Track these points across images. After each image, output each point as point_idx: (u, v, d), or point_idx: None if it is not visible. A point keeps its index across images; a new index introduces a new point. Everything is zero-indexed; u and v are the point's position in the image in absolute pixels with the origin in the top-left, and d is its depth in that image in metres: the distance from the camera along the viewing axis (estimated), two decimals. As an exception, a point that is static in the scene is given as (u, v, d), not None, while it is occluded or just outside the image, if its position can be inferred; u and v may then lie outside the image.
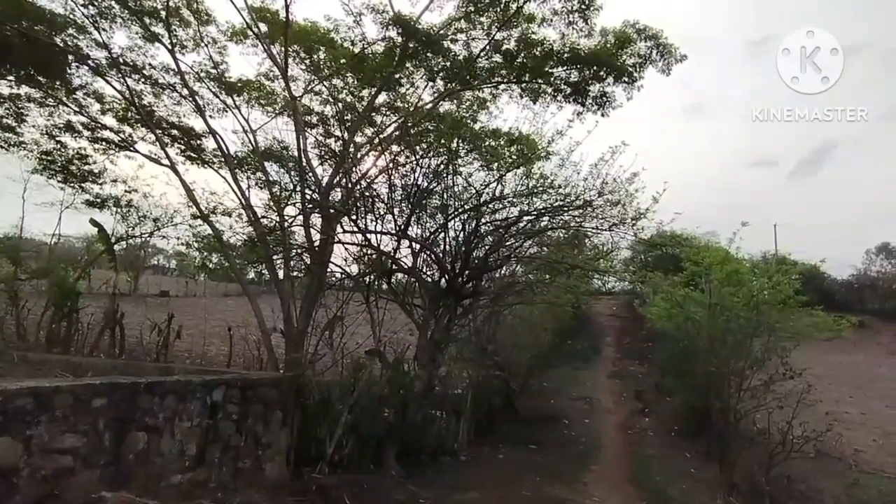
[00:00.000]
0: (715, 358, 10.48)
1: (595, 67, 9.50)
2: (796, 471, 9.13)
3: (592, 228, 9.72)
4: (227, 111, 11.18)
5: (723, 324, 10.66)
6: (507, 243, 9.97)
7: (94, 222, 12.02)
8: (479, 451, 10.23)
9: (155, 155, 10.83)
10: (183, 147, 11.77)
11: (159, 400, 4.84)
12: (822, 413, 10.13)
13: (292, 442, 6.96)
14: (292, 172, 10.57)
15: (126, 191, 12.58)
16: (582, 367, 20.29)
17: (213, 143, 10.46)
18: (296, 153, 9.67)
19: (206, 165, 11.62)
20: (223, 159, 10.36)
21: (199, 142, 11.86)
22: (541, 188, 9.14)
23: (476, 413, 11.13)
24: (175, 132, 11.62)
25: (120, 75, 10.00)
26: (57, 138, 11.29)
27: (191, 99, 10.35)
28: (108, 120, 11.22)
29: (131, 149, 11.31)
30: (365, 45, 10.02)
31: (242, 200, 9.72)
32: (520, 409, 13.81)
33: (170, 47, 9.72)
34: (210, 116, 10.95)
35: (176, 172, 10.03)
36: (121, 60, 10.07)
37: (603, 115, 10.01)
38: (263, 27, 10.19)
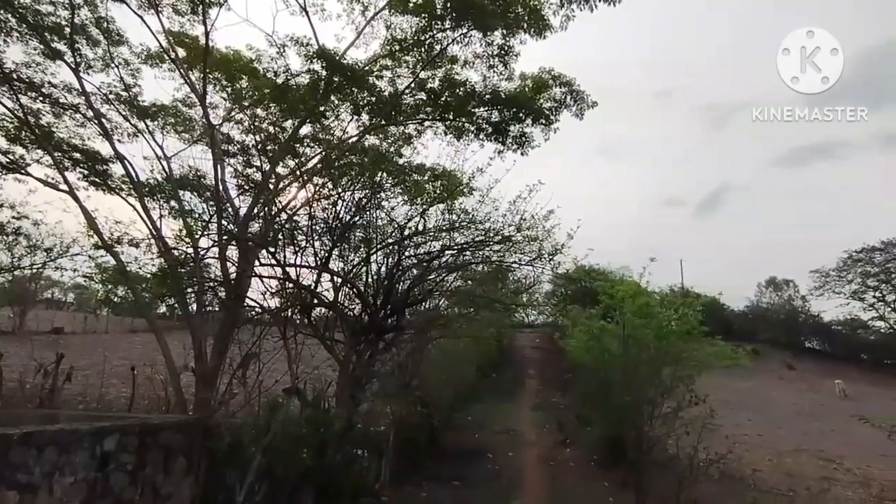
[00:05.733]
0: (629, 388, 10.93)
1: (514, 109, 10.00)
2: (703, 494, 9.61)
3: (513, 263, 10.04)
4: (138, 136, 10.59)
5: (635, 354, 11.18)
6: (430, 277, 10.04)
7: (-29, 251, 10.77)
8: (402, 491, 9.94)
9: (52, 179, 9.97)
10: (86, 172, 10.93)
11: (36, 452, 4.28)
12: (724, 436, 10.81)
13: (198, 490, 6.44)
14: (209, 202, 10.11)
15: (14, 217, 11.34)
16: (505, 400, 20.47)
17: (122, 168, 9.82)
18: (213, 182, 9.28)
19: (112, 192, 10.84)
20: (132, 186, 9.73)
21: (104, 167, 11.06)
22: (463, 223, 9.35)
23: (399, 451, 10.85)
24: (77, 155, 10.77)
25: (12, 92, 9.22)
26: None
27: (96, 121, 9.72)
28: (-3, 139, 10.24)
29: (23, 172, 10.34)
30: (289, 77, 9.92)
31: (152, 230, 9.14)
32: (444, 445, 13.62)
33: (74, 66, 9.14)
34: (118, 140, 10.36)
35: (75, 198, 9.30)
36: (14, 76, 9.30)
37: (522, 154, 10.51)
38: (182, 52, 9.86)
